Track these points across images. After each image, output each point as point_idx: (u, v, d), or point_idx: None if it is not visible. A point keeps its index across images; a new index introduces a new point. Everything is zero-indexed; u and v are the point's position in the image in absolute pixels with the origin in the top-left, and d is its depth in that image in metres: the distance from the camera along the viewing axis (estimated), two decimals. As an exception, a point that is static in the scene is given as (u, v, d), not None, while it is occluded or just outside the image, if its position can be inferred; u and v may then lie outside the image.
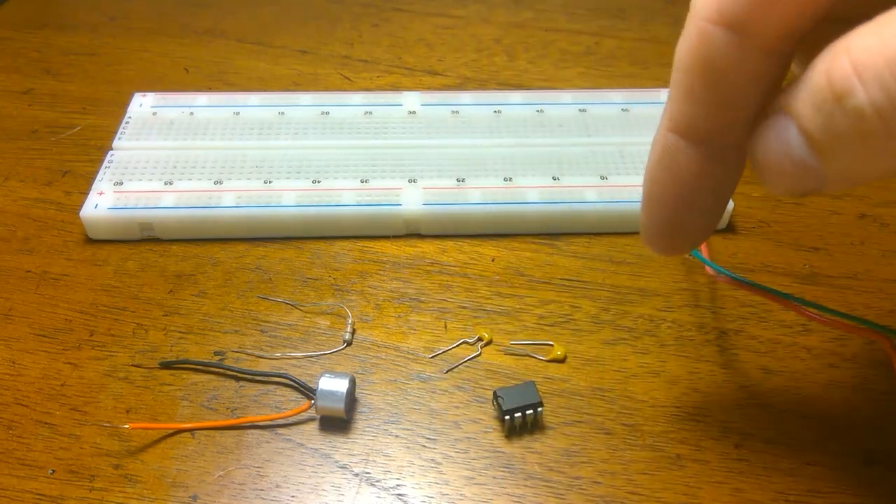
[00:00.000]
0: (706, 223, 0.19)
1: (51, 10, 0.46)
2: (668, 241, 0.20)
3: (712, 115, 0.17)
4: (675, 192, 0.18)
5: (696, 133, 0.18)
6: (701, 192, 0.18)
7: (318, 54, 0.42)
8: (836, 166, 0.15)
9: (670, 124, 0.18)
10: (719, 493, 0.23)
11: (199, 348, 0.27)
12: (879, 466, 0.24)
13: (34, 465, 0.24)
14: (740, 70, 0.16)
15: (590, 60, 0.41)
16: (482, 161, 0.33)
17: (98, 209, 0.30)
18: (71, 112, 0.38)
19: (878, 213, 0.32)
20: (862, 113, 0.14)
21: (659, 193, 0.19)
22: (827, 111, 0.15)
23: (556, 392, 0.26)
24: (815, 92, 0.15)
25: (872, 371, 0.26)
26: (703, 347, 0.27)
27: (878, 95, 0.14)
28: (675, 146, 0.18)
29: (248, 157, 0.33)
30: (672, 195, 0.19)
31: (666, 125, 0.18)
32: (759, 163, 0.16)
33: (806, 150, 0.15)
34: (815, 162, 0.15)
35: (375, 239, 0.31)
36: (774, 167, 0.16)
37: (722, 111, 0.17)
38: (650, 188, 0.19)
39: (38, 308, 0.28)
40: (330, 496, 0.23)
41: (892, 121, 0.14)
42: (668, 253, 0.21)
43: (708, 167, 0.18)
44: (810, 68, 0.15)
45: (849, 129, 0.15)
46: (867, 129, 0.14)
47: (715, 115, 0.17)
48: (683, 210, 0.19)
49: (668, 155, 0.18)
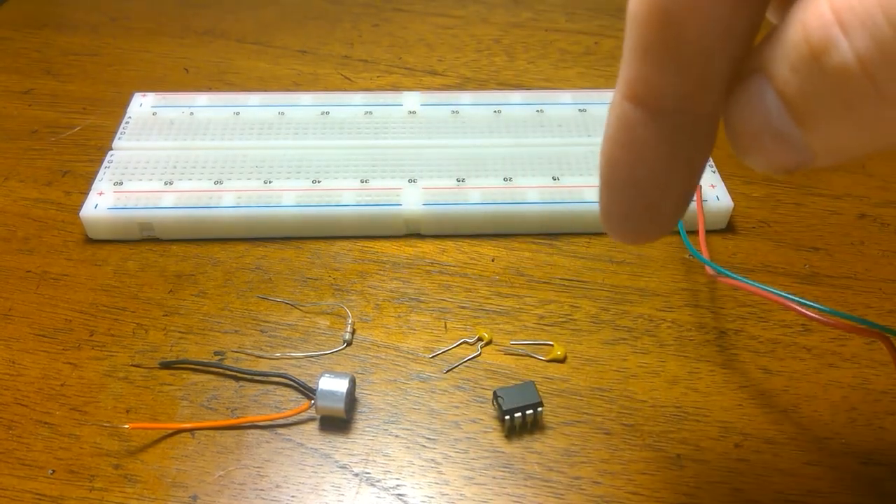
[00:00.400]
0: (674, 207, 0.16)
1: (51, 10, 0.46)
2: (633, 230, 0.16)
3: (675, 77, 0.14)
4: (636, 173, 0.15)
5: (656, 100, 0.14)
6: (666, 171, 0.15)
7: (318, 54, 0.42)
8: (823, 137, 0.13)
9: (626, 91, 0.14)
10: (719, 493, 0.23)
11: (199, 348, 0.27)
12: (879, 466, 0.24)
13: (34, 465, 0.24)
14: (704, 17, 0.13)
15: (590, 60, 0.41)
16: (482, 161, 0.33)
17: (98, 209, 0.30)
18: (71, 112, 0.38)
19: (878, 213, 0.32)
20: (846, 71, 0.11)
21: (617, 175, 0.15)
22: (805, 71, 0.12)
23: (556, 392, 0.26)
24: (791, 48, 0.12)
25: (872, 371, 0.26)
26: (703, 347, 0.27)
27: (866, 46, 0.11)
28: (633, 117, 0.15)
29: (248, 157, 0.33)
30: (632, 176, 0.15)
31: (621, 93, 0.14)
32: (733, 133, 0.14)
33: (786, 118, 0.13)
34: (797, 132, 0.13)
35: (375, 239, 0.31)
36: (751, 139, 0.14)
37: (686, 72, 0.14)
38: (606, 170, 0.15)
39: (38, 308, 0.28)
40: (330, 496, 0.23)
41: (884, 80, 0.11)
42: (633, 242, 0.17)
43: (672, 142, 0.15)
44: (787, 16, 0.12)
45: (832, 93, 0.12)
46: (854, 91, 0.12)
47: (678, 77, 0.14)
48: (647, 193, 0.15)
49: (625, 128, 0.15)
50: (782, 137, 0.13)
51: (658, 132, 0.14)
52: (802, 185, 0.34)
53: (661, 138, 0.15)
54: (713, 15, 0.13)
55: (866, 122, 0.12)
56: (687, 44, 0.13)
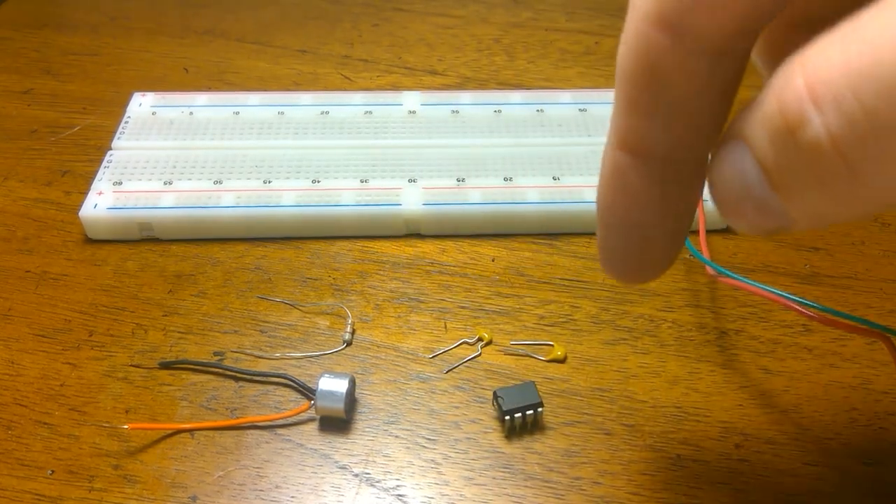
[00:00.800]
0: (669, 248, 0.17)
1: (51, 10, 0.46)
2: (631, 269, 0.17)
3: (662, 128, 0.15)
4: (631, 217, 0.16)
5: (646, 149, 0.15)
6: (659, 214, 0.16)
7: (318, 54, 0.42)
8: (800, 207, 0.13)
9: (618, 141, 0.15)
10: (719, 493, 0.23)
11: (199, 348, 0.27)
12: (879, 466, 0.24)
13: (33, 465, 0.24)
14: (687, 74, 0.13)
15: (590, 60, 0.41)
16: (482, 161, 0.33)
17: (97, 209, 0.30)
18: (71, 112, 0.38)
19: (879, 212, 0.32)
20: (818, 148, 0.11)
21: (613, 218, 0.16)
22: (781, 144, 0.12)
23: (556, 392, 0.26)
24: (768, 119, 0.12)
25: (872, 371, 0.26)
26: (703, 347, 0.27)
27: (838, 124, 0.11)
28: (625, 164, 0.15)
29: (247, 156, 0.33)
30: (627, 220, 0.16)
31: (613, 142, 0.15)
32: (716, 196, 0.14)
33: (765, 185, 0.13)
34: (776, 199, 0.13)
35: (375, 239, 0.31)
36: (732, 203, 0.14)
37: (673, 123, 0.14)
38: (602, 212, 0.16)
39: (38, 308, 0.28)
40: (330, 497, 0.23)
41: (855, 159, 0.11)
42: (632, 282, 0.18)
43: (663, 186, 0.15)
44: (766, 86, 0.12)
45: (807, 168, 0.12)
46: (827, 168, 0.12)
47: (665, 127, 0.14)
48: (641, 234, 0.16)
49: (618, 175, 0.16)
50: (762, 203, 0.13)
51: (649, 178, 0.15)
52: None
53: (652, 183, 0.15)
54: (698, 69, 0.13)
55: (841, 197, 0.12)
56: (672, 98, 0.14)
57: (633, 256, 0.17)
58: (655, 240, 0.16)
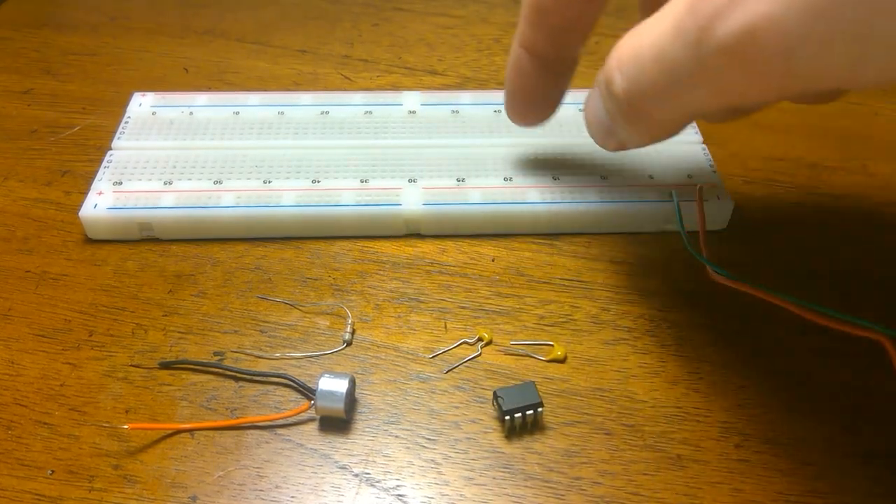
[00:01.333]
0: (546, 107, 0.27)
1: (51, 10, 0.46)
2: (521, 119, 0.28)
3: (546, 38, 0.24)
4: (522, 88, 0.26)
5: (535, 50, 0.25)
6: (541, 90, 0.26)
7: (318, 54, 0.42)
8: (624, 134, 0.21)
9: (518, 41, 0.25)
10: (719, 493, 0.23)
11: (199, 348, 0.27)
12: (879, 466, 0.24)
13: (33, 465, 0.24)
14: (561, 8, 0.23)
15: (590, 60, 0.41)
16: (482, 161, 0.33)
17: (97, 209, 0.30)
18: (71, 112, 0.38)
19: (879, 212, 0.32)
20: (618, 96, 0.19)
21: (512, 87, 0.27)
22: (606, 93, 0.20)
23: (556, 392, 0.26)
24: (601, 77, 0.20)
25: (872, 371, 0.26)
26: (703, 347, 0.27)
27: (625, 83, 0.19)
28: (522, 56, 0.25)
29: (247, 156, 0.33)
30: (520, 90, 0.26)
31: (515, 40, 0.25)
32: (585, 123, 0.23)
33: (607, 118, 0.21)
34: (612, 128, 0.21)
35: (375, 239, 0.31)
36: (593, 127, 0.23)
37: (552, 38, 0.24)
38: (507, 83, 0.27)
39: (38, 308, 0.28)
40: (330, 497, 0.23)
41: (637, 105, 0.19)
42: (523, 124, 0.28)
43: (544, 75, 0.25)
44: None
45: (615, 108, 0.20)
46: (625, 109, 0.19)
47: (548, 38, 0.24)
48: (529, 100, 0.27)
49: (516, 62, 0.25)
50: (607, 129, 0.22)
51: (538, 66, 0.25)
52: (803, 185, 0.34)
53: (538, 70, 0.25)
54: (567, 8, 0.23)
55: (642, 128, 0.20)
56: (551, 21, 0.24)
57: (523, 111, 0.28)
58: (537, 102, 0.27)
